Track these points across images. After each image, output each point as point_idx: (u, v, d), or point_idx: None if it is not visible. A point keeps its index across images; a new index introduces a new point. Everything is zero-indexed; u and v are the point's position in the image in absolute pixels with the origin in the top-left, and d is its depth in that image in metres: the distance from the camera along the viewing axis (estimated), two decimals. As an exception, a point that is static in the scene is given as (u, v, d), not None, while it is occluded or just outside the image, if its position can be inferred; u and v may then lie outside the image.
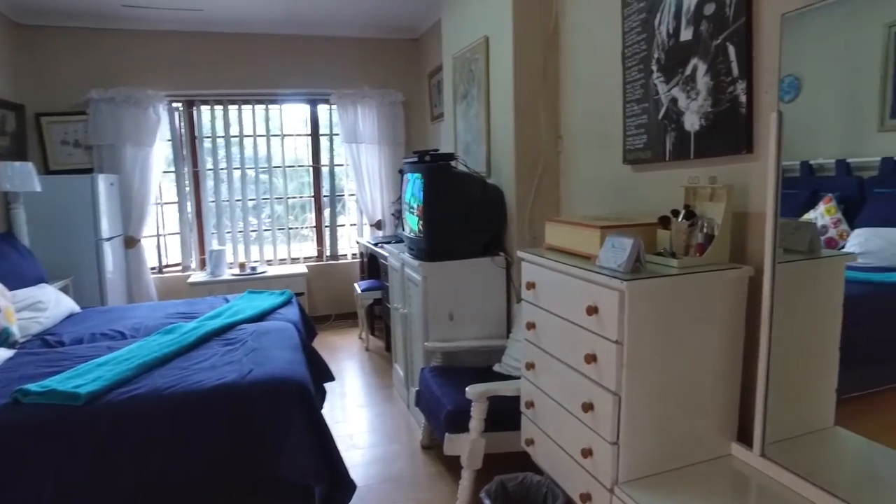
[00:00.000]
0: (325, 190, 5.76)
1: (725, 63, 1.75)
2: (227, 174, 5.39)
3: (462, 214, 2.87)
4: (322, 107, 5.62)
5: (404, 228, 3.33)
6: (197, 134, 5.27)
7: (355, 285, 5.06)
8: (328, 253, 5.81)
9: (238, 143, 5.40)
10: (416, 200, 2.96)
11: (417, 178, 2.95)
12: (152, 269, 5.23)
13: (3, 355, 2.61)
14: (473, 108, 3.30)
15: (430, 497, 2.56)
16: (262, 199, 5.54)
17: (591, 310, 1.62)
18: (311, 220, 5.83)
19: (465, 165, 3.21)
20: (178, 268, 5.42)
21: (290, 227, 5.69)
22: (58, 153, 4.79)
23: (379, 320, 5.04)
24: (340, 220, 5.86)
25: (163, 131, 5.00)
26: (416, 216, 3.00)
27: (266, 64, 5.24)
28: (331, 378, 3.16)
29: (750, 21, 1.67)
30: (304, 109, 5.63)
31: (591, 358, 1.65)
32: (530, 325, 2.05)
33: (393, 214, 5.44)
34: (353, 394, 3.89)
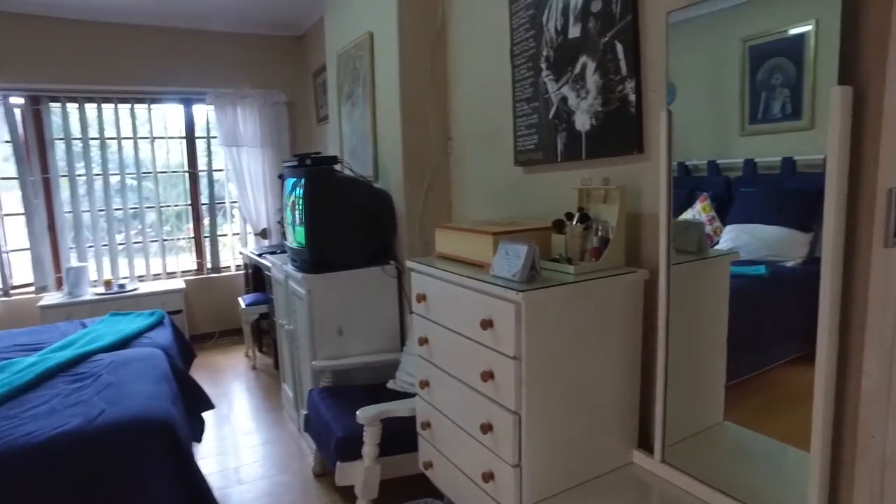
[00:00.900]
0: (205, 197, 5.29)
1: (614, 61, 1.70)
2: (86, 181, 4.77)
3: (347, 222, 2.66)
4: (198, 107, 5.15)
5: (286, 238, 3.06)
6: (47, 136, 4.61)
7: (240, 299, 4.67)
8: (209, 265, 5.33)
9: (99, 146, 4.80)
10: (298, 208, 2.71)
11: (298, 183, 2.70)
12: (-7, 291, 4.51)
13: None
14: (359, 109, 3.10)
15: (323, 533, 2.33)
16: (131, 208, 4.97)
17: (486, 324, 1.49)
18: (189, 230, 5.33)
19: (351, 169, 3.01)
20: (31, 289, 4.71)
21: (164, 239, 5.15)
22: None
23: (267, 335, 4.68)
24: (224, 229, 5.40)
25: None
26: (298, 225, 2.75)
27: (133, 59, 4.68)
28: (209, 406, 2.83)
29: (636, 19, 1.62)
30: (178, 110, 5.12)
31: (487, 375, 1.52)
32: (423, 341, 1.90)
33: (279, 222, 5.08)
34: (240, 419, 3.55)
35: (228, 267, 5.41)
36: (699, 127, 2.57)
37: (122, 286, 4.74)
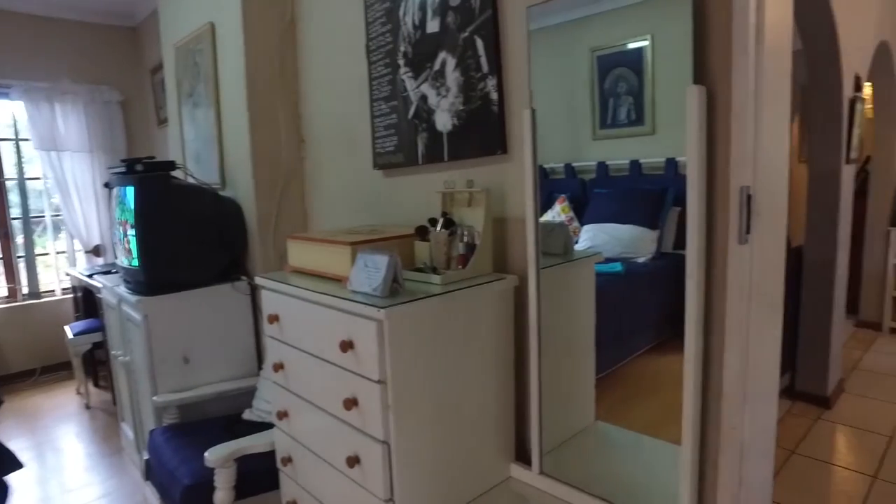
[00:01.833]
0: (17, 210, 4.51)
1: (475, 57, 1.62)
2: None
3: (189, 236, 2.34)
4: (2, 103, 4.37)
5: (117, 256, 2.64)
6: None
7: (66, 328, 4.03)
8: (25, 290, 4.55)
9: None
10: (129, 221, 2.34)
11: (128, 192, 2.33)
12: None
13: None
14: (202, 109, 2.77)
15: None
16: (-86, 226, 4.10)
17: (346, 345, 1.33)
18: (-3, 250, 4.51)
19: (192, 176, 2.68)
20: None
21: (-37, 262, 4.30)
22: None
23: (104, 366, 4.08)
24: (47, 247, 4.65)
25: None
26: (129, 241, 2.37)
27: None
28: (14, 466, 2.33)
29: (496, 13, 1.56)
30: (-25, 107, 4.32)
31: (351, 403, 1.36)
32: (278, 366, 1.68)
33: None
34: (70, 472, 3.01)
35: (52, 291, 4.66)
36: (556, 131, 2.64)
37: None
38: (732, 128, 1.10)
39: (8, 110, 4.42)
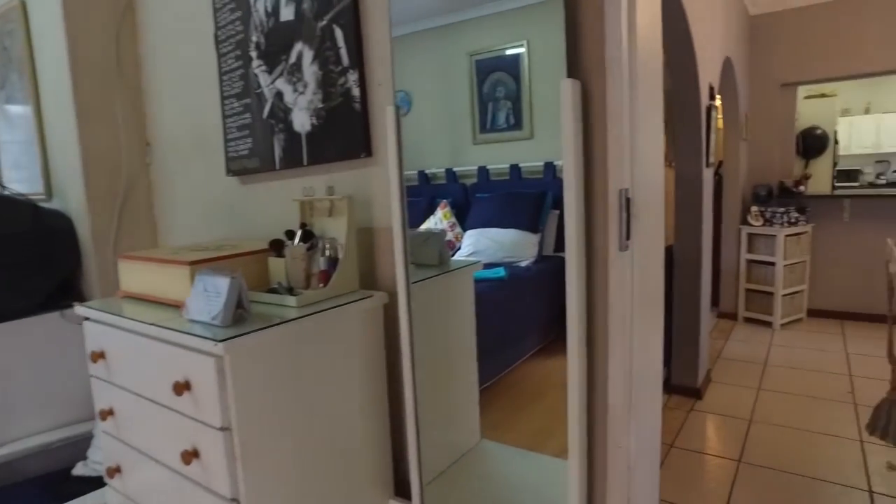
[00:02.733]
0: None
1: (334, 49, 1.44)
2: None
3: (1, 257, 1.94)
4: None
5: None
6: None
7: None
8: None
9: None
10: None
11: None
12: None
13: None
14: (17, 104, 2.34)
15: None
16: None
17: (181, 387, 1.09)
18: None
19: (2, 185, 2.25)
20: None
21: None
22: None
23: None
24: None
25: None
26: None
27: None
28: None
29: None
30: None
31: (190, 455, 1.12)
32: (106, 413, 1.39)
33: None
34: None
35: None
36: (436, 136, 2.56)
37: None
38: (609, 127, 1.03)
39: None
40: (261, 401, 1.10)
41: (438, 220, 2.69)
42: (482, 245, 2.69)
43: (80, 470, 1.89)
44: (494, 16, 2.16)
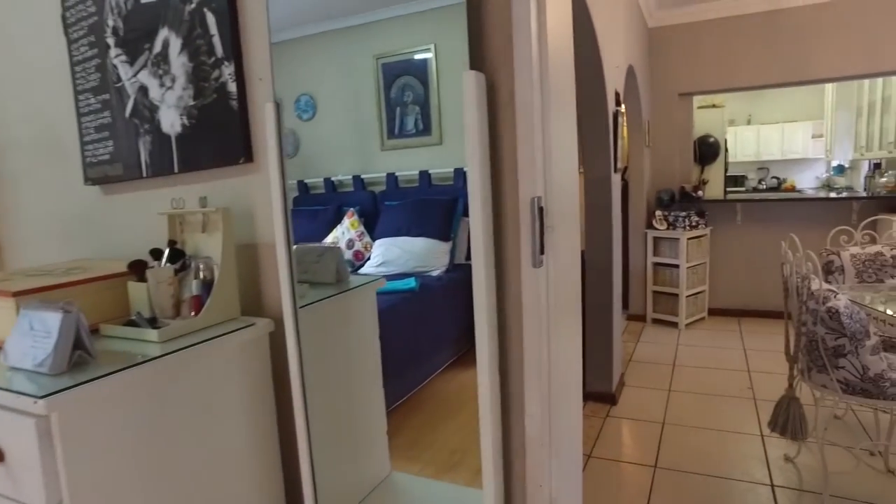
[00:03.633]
0: None
1: (206, 37, 1.24)
2: None
3: None
4: None
5: None
6: None
7: None
8: None
9: None
10: None
11: None
12: None
13: None
14: None
15: None
16: None
17: (-5, 456, 0.85)
18: None
19: None
20: None
21: None
22: None
23: None
24: None
25: None
26: None
27: None
28: None
29: (229, -22, 1.20)
30: None
31: (13, 541, 0.88)
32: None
33: None
34: None
35: None
36: (343, 142, 2.40)
37: None
38: (519, 125, 0.91)
39: None
40: (109, 464, 0.88)
41: (346, 229, 2.53)
42: (392, 255, 2.55)
43: None
44: (401, 18, 2.06)
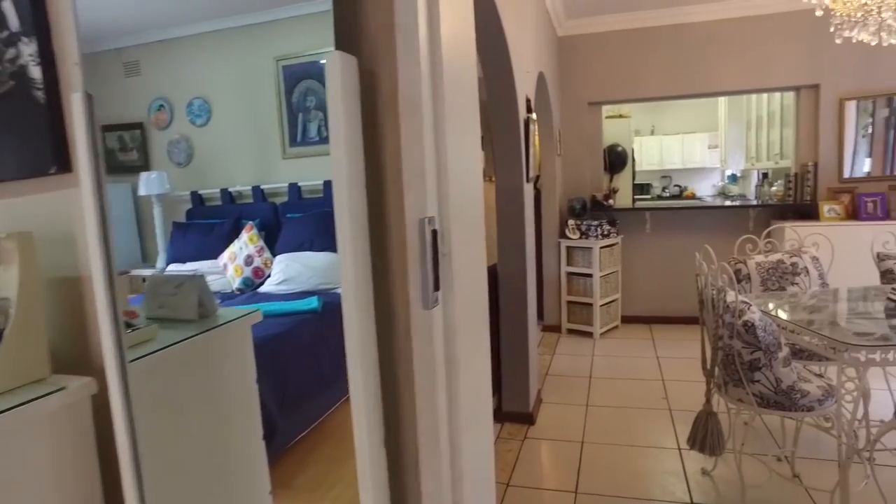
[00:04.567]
0: None
1: None
2: None
3: None
4: None
5: None
6: None
7: None
8: None
9: None
10: None
11: None
12: None
13: None
14: None
15: None
16: None
17: None
18: None
19: None
20: None
21: None
22: None
23: None
24: None
25: None
26: None
27: None
28: None
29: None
30: None
31: None
32: None
33: None
34: None
35: None
36: (241, 149, 2.17)
37: None
38: (403, 130, 0.71)
39: None
40: None
41: (244, 244, 2.27)
42: (294, 271, 2.32)
43: None
44: (302, 18, 1.92)
